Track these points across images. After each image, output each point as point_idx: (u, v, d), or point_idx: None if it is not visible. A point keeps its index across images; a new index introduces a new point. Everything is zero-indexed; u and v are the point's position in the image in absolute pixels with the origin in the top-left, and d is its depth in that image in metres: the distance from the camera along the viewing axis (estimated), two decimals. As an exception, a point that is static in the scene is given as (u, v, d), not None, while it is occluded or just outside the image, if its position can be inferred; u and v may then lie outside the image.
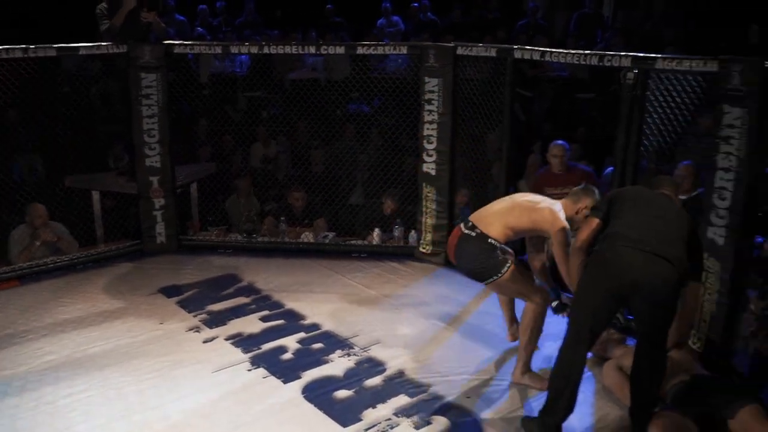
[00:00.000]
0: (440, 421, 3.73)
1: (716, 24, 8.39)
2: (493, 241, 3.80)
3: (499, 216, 3.90)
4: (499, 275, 3.81)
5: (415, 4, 9.84)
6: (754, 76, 3.82)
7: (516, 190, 6.35)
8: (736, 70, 3.89)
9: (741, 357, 4.15)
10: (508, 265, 3.81)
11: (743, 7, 8.12)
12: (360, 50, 5.78)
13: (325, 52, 6.03)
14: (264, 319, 4.84)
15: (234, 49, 6.26)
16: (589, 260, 3.51)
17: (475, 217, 3.97)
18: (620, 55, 4.52)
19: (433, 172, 5.71)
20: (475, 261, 3.85)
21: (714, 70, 4.05)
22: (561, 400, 3.44)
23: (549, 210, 3.87)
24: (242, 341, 4.53)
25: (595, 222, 3.61)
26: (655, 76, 4.37)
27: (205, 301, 5.06)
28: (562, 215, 3.83)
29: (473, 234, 3.85)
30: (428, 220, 5.81)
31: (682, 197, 5.17)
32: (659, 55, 4.36)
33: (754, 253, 4.37)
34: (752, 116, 3.84)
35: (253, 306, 5.04)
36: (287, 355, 4.37)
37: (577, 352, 3.43)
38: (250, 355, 4.36)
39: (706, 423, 3.48)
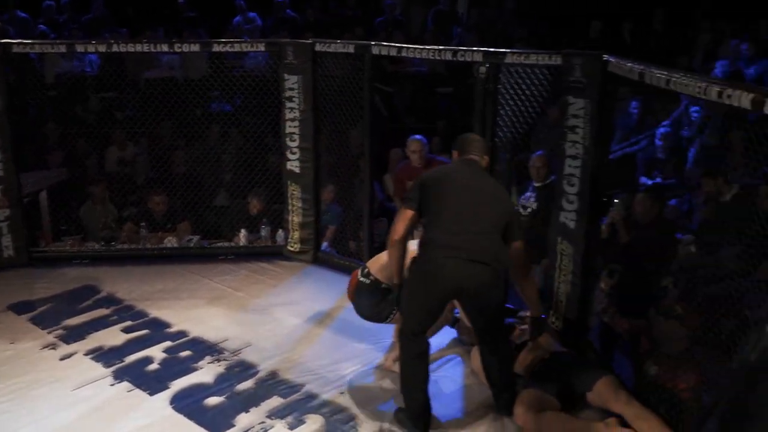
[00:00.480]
0: (315, 419, 3.73)
1: (566, 24, 8.88)
2: (385, 286, 3.91)
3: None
4: (394, 312, 3.91)
5: (278, 0, 9.70)
6: (594, 69, 4.06)
7: (381, 185, 6.47)
8: (578, 63, 4.13)
9: (595, 333, 4.43)
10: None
11: (588, 7, 8.65)
12: (216, 47, 5.63)
13: (179, 49, 5.83)
14: (126, 330, 4.65)
15: (80, 48, 5.91)
16: (412, 269, 3.56)
17: (371, 262, 4.07)
18: (473, 50, 4.68)
19: (297, 170, 5.67)
20: (371, 308, 3.98)
21: (558, 64, 4.27)
22: (416, 402, 3.56)
23: None
24: (103, 355, 4.33)
25: (409, 213, 3.56)
26: (506, 70, 4.55)
27: (61, 316, 4.80)
28: None
29: (367, 282, 3.95)
30: (295, 218, 5.77)
31: (537, 184, 5.45)
32: (508, 50, 4.55)
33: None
34: (593, 107, 4.09)
35: (115, 317, 4.83)
36: (153, 366, 4.22)
37: (412, 350, 3.54)
38: (112, 368, 4.17)
39: (566, 398, 3.69)
